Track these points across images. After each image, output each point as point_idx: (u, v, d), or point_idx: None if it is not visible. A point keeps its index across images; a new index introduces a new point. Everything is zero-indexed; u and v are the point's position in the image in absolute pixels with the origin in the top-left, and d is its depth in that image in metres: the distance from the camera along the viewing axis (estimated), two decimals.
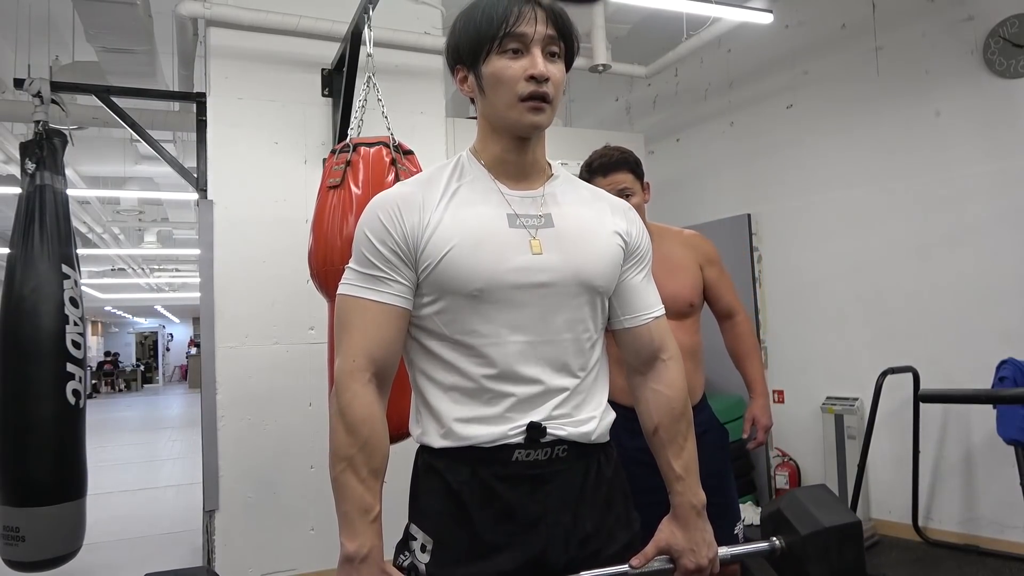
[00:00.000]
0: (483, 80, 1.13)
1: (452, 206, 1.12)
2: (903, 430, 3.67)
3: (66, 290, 2.83)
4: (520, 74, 1.09)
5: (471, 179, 1.17)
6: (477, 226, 1.11)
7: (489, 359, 1.10)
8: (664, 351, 1.26)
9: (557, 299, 1.13)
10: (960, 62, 3.56)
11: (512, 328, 1.11)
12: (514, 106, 1.10)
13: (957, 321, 3.57)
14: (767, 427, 2.12)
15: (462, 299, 1.09)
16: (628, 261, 1.23)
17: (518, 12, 1.10)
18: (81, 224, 7.75)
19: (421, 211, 1.11)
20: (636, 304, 1.24)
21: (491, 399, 1.10)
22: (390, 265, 1.10)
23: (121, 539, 4.33)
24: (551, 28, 1.11)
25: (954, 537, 3.57)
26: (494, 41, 1.10)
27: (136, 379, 21.15)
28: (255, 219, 3.30)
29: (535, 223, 1.14)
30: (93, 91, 3.25)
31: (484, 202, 1.14)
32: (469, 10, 1.16)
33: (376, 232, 1.11)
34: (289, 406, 3.28)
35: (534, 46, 1.10)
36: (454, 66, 1.20)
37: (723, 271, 2.18)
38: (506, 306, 1.10)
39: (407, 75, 3.62)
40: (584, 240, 1.17)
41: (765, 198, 4.53)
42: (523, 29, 1.09)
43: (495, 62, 1.11)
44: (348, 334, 1.11)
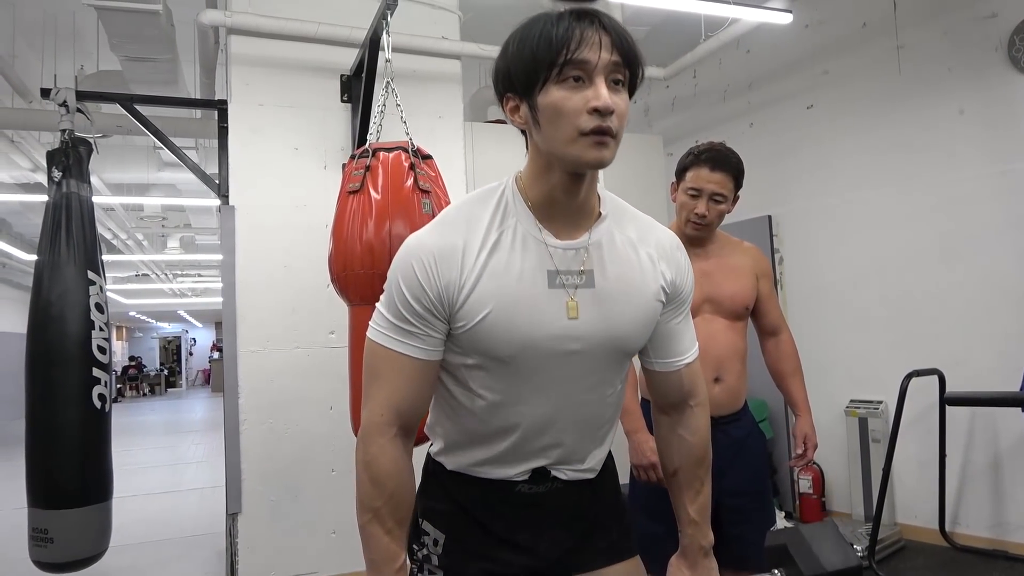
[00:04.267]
0: (539, 112, 1.01)
1: (492, 261, 1.05)
2: (929, 433, 3.62)
3: (92, 296, 2.86)
4: (582, 106, 0.98)
5: (514, 223, 1.07)
6: (516, 289, 1.05)
7: (509, 417, 1.13)
8: (694, 397, 1.24)
9: (587, 364, 1.12)
10: (984, 59, 3.51)
11: (537, 390, 1.11)
12: (575, 141, 0.99)
13: (983, 322, 3.51)
14: (816, 445, 2.11)
15: (492, 360, 1.08)
16: (667, 307, 1.17)
17: (580, 36, 0.98)
18: (106, 230, 7.88)
19: (461, 266, 1.04)
20: (670, 349, 1.21)
21: (506, 448, 1.15)
22: (423, 321, 1.05)
23: (146, 542, 4.38)
24: (616, 54, 0.99)
25: (982, 542, 3.50)
26: (553, 68, 0.98)
27: (160, 383, 21.39)
28: (276, 224, 3.32)
29: (575, 281, 1.07)
30: (117, 100, 3.30)
31: (525, 257, 1.06)
32: (523, 31, 1.03)
33: (411, 287, 1.04)
34: (310, 410, 3.30)
35: (597, 75, 0.98)
36: (504, 94, 1.07)
37: (773, 288, 2.19)
38: (535, 371, 1.09)
39: (425, 80, 3.63)
40: (623, 303, 1.11)
41: (786, 199, 4.50)
42: (586, 56, 0.97)
43: (553, 92, 0.99)
44: (377, 385, 1.08)
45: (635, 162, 4.34)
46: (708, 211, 1.94)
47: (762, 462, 2.10)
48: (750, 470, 1.98)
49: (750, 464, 1.99)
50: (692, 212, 1.95)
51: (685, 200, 1.97)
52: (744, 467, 1.95)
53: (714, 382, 1.94)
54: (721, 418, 1.90)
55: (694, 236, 1.99)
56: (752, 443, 2.03)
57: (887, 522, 3.70)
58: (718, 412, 1.89)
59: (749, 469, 1.97)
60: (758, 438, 2.10)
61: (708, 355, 1.91)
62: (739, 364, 2.00)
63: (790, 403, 2.18)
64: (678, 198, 2.00)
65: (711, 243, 2.04)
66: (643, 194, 4.31)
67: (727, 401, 1.97)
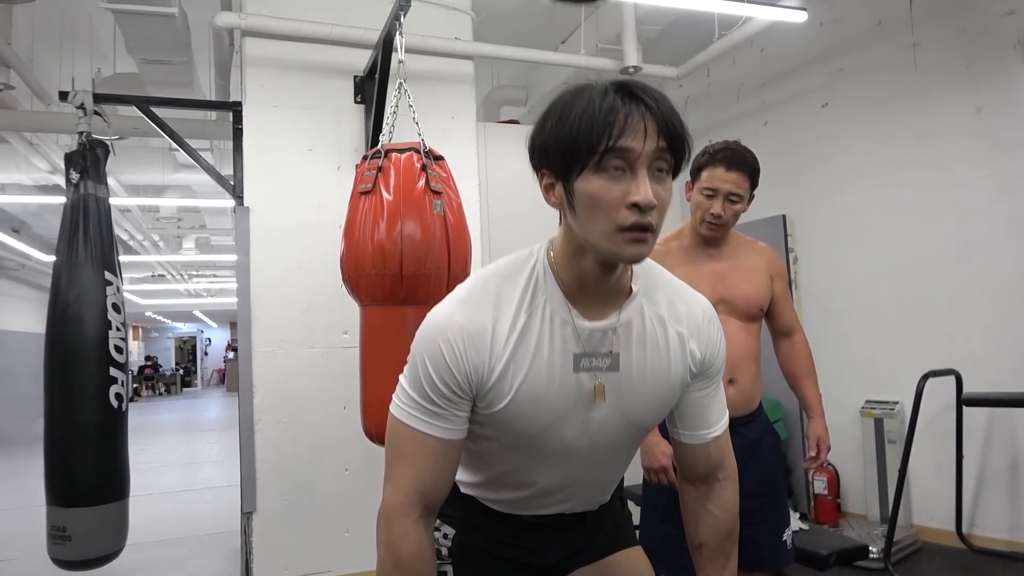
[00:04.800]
0: (575, 198, 0.94)
1: (520, 344, 1.02)
2: (946, 434, 3.58)
3: (109, 296, 2.89)
4: (621, 199, 0.91)
5: (543, 301, 1.03)
6: (543, 374, 1.03)
7: (522, 481, 1.16)
8: (722, 470, 1.20)
9: (605, 442, 1.12)
10: (1001, 56, 3.47)
11: (552, 464, 1.13)
12: (611, 236, 0.93)
13: (1001, 322, 3.47)
14: (829, 447, 2.11)
15: (514, 436, 1.09)
16: (696, 381, 1.14)
17: (624, 121, 0.90)
18: (122, 231, 7.95)
19: (490, 349, 1.01)
20: (699, 421, 1.17)
21: (516, 500, 1.20)
22: (449, 402, 1.02)
23: (162, 539, 4.42)
24: (662, 140, 0.92)
25: (1000, 544, 3.47)
26: (592, 156, 0.91)
27: (175, 383, 21.56)
28: (290, 225, 3.35)
29: (600, 364, 1.05)
30: (134, 102, 3.33)
31: (552, 339, 1.03)
32: (564, 107, 0.95)
33: (438, 368, 1.00)
34: (324, 409, 3.32)
35: (640, 165, 0.91)
36: (539, 169, 1.01)
37: (787, 289, 2.17)
38: (553, 452, 1.11)
39: (438, 80, 3.64)
40: (645, 388, 1.09)
41: (800, 199, 4.47)
42: (629, 144, 0.90)
43: (592, 181, 0.92)
44: (401, 465, 1.06)
45: None
46: (724, 211, 1.93)
47: (776, 464, 2.09)
48: (764, 472, 1.97)
49: (764, 466, 1.98)
50: (707, 212, 1.94)
51: (700, 200, 1.96)
52: (758, 469, 1.94)
53: (728, 384, 1.93)
54: (735, 420, 1.89)
55: (709, 236, 1.98)
56: (766, 444, 2.02)
57: (903, 524, 3.67)
58: (733, 414, 1.86)
59: (763, 471, 1.96)
60: (772, 439, 2.09)
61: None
62: (753, 366, 1.99)
63: (803, 405, 2.17)
64: (693, 198, 1.99)
65: (725, 243, 2.03)
66: None
67: (741, 403, 1.96)
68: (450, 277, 2.26)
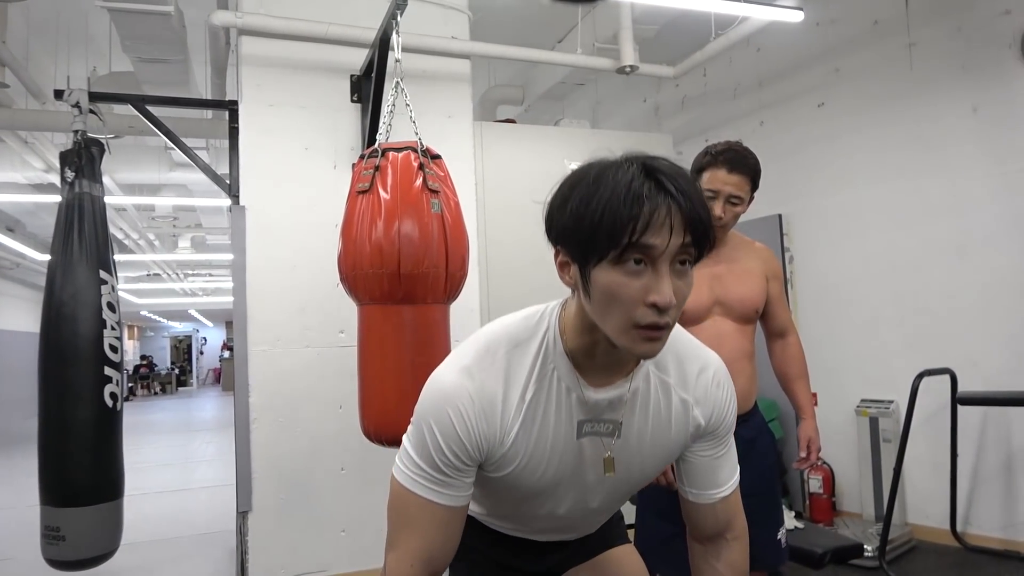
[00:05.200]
0: (591, 286, 0.90)
1: (529, 416, 1.01)
2: (940, 433, 3.60)
3: (104, 295, 2.88)
4: (640, 297, 0.87)
5: (551, 370, 1.01)
6: (548, 442, 1.03)
7: (524, 522, 1.21)
8: (731, 530, 1.18)
9: (603, 499, 1.15)
10: (997, 56, 3.48)
11: (553, 512, 1.14)
12: (627, 332, 0.89)
13: (996, 321, 3.49)
14: (819, 448, 2.11)
15: (514, 492, 1.10)
16: (701, 441, 1.12)
17: (649, 215, 0.84)
18: (118, 230, 7.93)
19: (500, 421, 0.99)
20: (704, 482, 1.15)
21: (518, 528, 1.24)
22: (457, 471, 1.00)
23: (157, 539, 4.41)
24: (688, 235, 0.86)
25: (994, 543, 3.48)
26: (613, 250, 0.86)
27: (171, 382, 21.50)
28: (286, 224, 3.34)
29: (603, 429, 1.04)
30: (129, 100, 3.32)
31: (559, 409, 1.02)
32: (584, 187, 0.88)
33: (447, 437, 0.98)
34: (320, 409, 3.32)
35: (662, 262, 0.86)
36: (554, 243, 0.96)
37: (783, 291, 2.18)
38: (552, 505, 1.13)
39: (434, 79, 3.64)
40: (645, 453, 1.09)
41: (796, 198, 4.48)
42: (652, 241, 0.85)
43: (610, 274, 0.87)
44: (406, 532, 1.03)
45: None
46: (724, 213, 1.92)
47: (771, 463, 2.10)
48: (759, 471, 1.97)
49: (759, 465, 1.98)
50: None
51: None
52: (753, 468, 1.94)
53: None
54: None
55: None
56: (761, 444, 2.02)
57: (898, 522, 3.68)
58: None
59: (758, 470, 1.97)
60: (768, 439, 2.09)
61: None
62: (749, 366, 2.00)
63: (795, 406, 2.17)
64: None
65: (724, 244, 2.03)
66: None
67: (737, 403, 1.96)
68: (448, 276, 2.26)
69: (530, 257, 3.85)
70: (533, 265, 3.82)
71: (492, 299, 3.81)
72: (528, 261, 3.82)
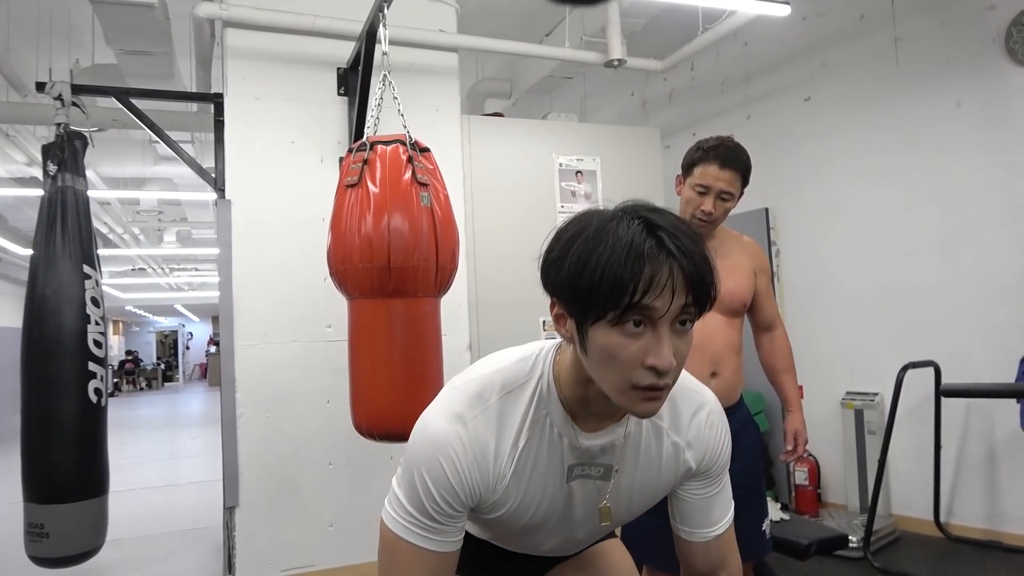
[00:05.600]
0: (588, 343, 0.87)
1: (521, 462, 1.00)
2: (924, 425, 3.63)
3: (87, 290, 2.85)
4: (638, 358, 0.84)
5: (544, 416, 1.00)
6: (540, 486, 1.02)
7: (506, 546, 1.20)
8: (725, 568, 1.16)
9: (591, 534, 1.16)
10: (982, 51, 3.51)
11: (540, 547, 1.16)
12: (625, 392, 0.87)
13: (979, 315, 3.52)
14: (806, 441, 2.13)
15: (503, 529, 1.11)
16: (693, 480, 1.12)
17: (651, 276, 0.81)
18: (102, 225, 7.84)
19: (492, 469, 0.98)
20: (697, 520, 1.13)
21: (509, 548, 1.23)
22: (449, 518, 0.98)
23: (143, 535, 4.38)
24: (689, 295, 0.83)
25: (977, 533, 3.52)
26: (612, 312, 0.83)
27: (156, 377, 21.37)
28: (273, 218, 3.32)
29: (593, 472, 1.04)
30: (112, 93, 3.29)
31: (551, 455, 1.01)
32: (583, 243, 0.85)
33: (439, 486, 0.96)
34: (307, 404, 3.31)
35: (662, 324, 0.84)
36: (551, 296, 0.92)
37: (770, 285, 2.19)
38: (541, 540, 1.14)
39: (422, 73, 3.62)
40: (633, 494, 1.09)
41: (783, 192, 4.50)
42: (653, 303, 0.82)
43: (608, 335, 0.85)
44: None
45: (632, 155, 4.34)
46: (715, 208, 1.93)
47: (756, 455, 2.11)
48: (744, 463, 1.98)
49: (744, 457, 1.99)
50: (698, 209, 1.94)
51: (692, 196, 1.95)
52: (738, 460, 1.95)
53: (711, 376, 1.95)
54: None
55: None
56: (746, 436, 2.04)
57: (882, 513, 3.72)
58: None
59: (743, 462, 1.97)
60: (753, 431, 2.10)
61: (706, 351, 1.92)
62: (736, 359, 2.01)
63: (782, 399, 2.19)
64: (684, 193, 1.99)
65: (712, 238, 2.04)
66: (640, 187, 4.31)
67: (723, 396, 1.97)
68: (438, 269, 2.25)
69: (518, 250, 3.85)
70: (521, 258, 3.82)
71: (480, 292, 3.81)
72: (516, 254, 3.82)
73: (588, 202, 4.14)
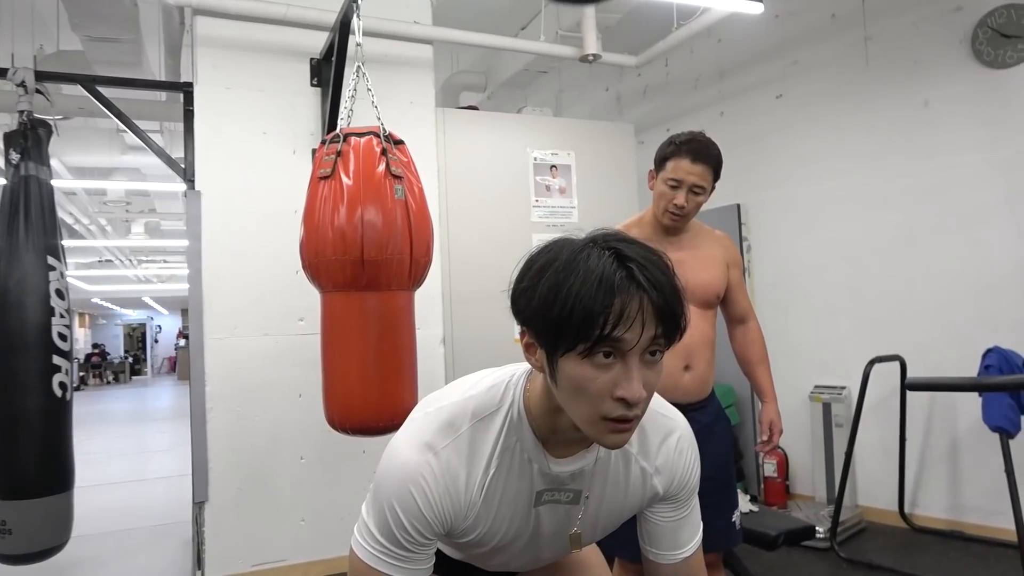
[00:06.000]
0: (558, 374, 0.88)
1: (490, 493, 1.00)
2: (890, 418, 3.70)
3: (52, 282, 2.80)
4: (608, 390, 0.84)
5: (514, 442, 1.00)
6: (509, 512, 1.03)
7: (474, 562, 1.20)
8: None
9: (558, 554, 1.18)
10: (949, 52, 3.57)
11: (507, 566, 1.18)
12: (594, 423, 0.87)
13: (944, 310, 3.60)
14: (781, 431, 2.15)
15: (470, 550, 1.11)
16: (661, 503, 1.12)
17: (621, 309, 0.81)
18: (67, 215, 7.68)
19: (463, 498, 0.98)
20: (665, 543, 1.14)
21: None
22: (420, 546, 0.98)
23: (110, 531, 4.31)
24: (660, 327, 0.84)
25: (940, 523, 3.61)
26: (582, 344, 0.83)
27: (124, 371, 21.01)
28: (244, 210, 3.28)
29: (561, 498, 1.04)
30: (78, 80, 3.21)
31: (520, 481, 1.02)
32: (551, 274, 0.85)
33: (410, 516, 0.95)
34: (279, 397, 3.28)
35: (632, 356, 0.84)
36: (521, 324, 0.92)
37: (742, 278, 2.22)
38: (507, 560, 1.15)
39: (396, 64, 3.59)
40: (600, 518, 1.10)
41: (755, 188, 4.54)
42: (623, 336, 0.82)
43: (578, 367, 0.85)
44: None
45: (606, 150, 4.35)
46: (687, 202, 1.95)
47: (727, 448, 2.13)
48: (715, 456, 2.00)
49: (715, 450, 2.02)
50: (671, 203, 1.95)
51: (664, 190, 1.97)
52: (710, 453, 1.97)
53: (684, 370, 1.96)
54: (689, 405, 1.92)
55: (670, 226, 2.01)
56: (718, 429, 2.06)
57: (849, 504, 3.79)
58: (687, 399, 1.91)
59: (714, 455, 2.00)
60: (724, 424, 2.13)
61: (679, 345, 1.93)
62: (708, 352, 2.03)
63: (756, 390, 2.21)
64: (656, 187, 2.00)
65: (685, 232, 2.06)
66: (614, 182, 4.33)
67: (696, 389, 2.00)
68: (412, 262, 2.24)
69: (492, 244, 3.85)
70: (495, 252, 3.82)
71: (455, 286, 3.80)
72: (491, 248, 3.82)
73: (563, 196, 4.15)
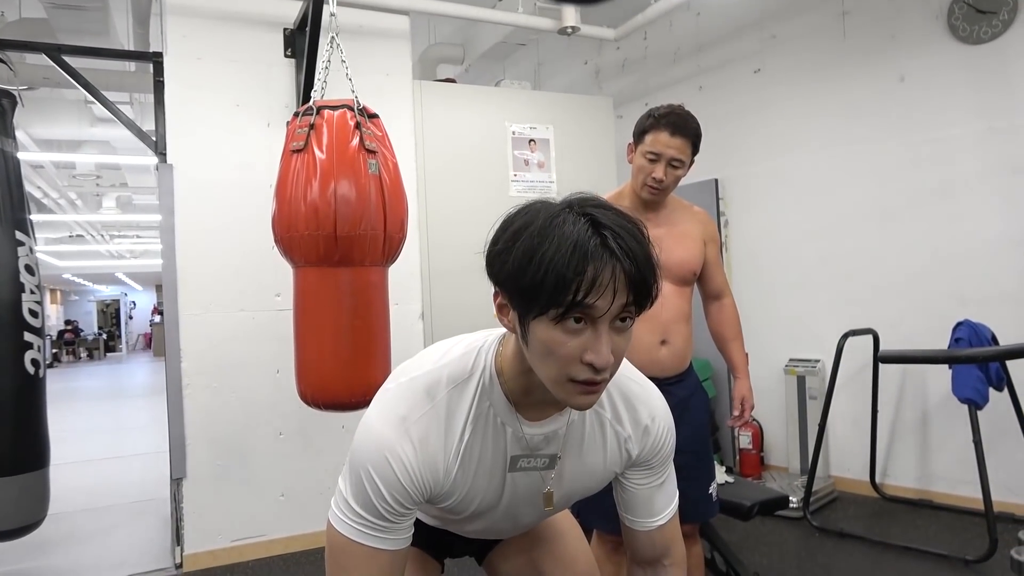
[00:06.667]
0: (529, 336, 0.89)
1: (465, 458, 1.01)
2: (863, 391, 3.77)
3: (21, 257, 2.75)
4: (577, 354, 0.86)
5: (487, 408, 1.01)
6: (485, 476, 1.04)
7: (449, 528, 1.24)
8: (668, 556, 1.21)
9: (534, 519, 1.20)
10: (925, 27, 3.58)
11: (485, 532, 1.21)
12: (563, 385, 0.89)
13: (916, 285, 3.65)
14: (753, 407, 2.18)
15: (445, 514, 1.12)
16: (636, 469, 1.14)
17: (593, 276, 0.82)
18: (35, 189, 7.52)
19: (442, 467, 0.99)
20: (641, 510, 1.17)
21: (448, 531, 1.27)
22: (400, 516, 0.98)
23: (86, 509, 4.29)
24: (630, 294, 0.85)
25: (909, 493, 3.70)
26: (553, 309, 0.84)
27: (98, 348, 20.77)
28: (217, 183, 3.22)
29: (538, 463, 1.06)
30: (43, 49, 3.12)
31: (496, 445, 1.03)
32: (526, 239, 0.85)
33: (389, 486, 0.95)
34: (256, 373, 3.26)
35: (602, 322, 0.85)
36: (495, 285, 0.92)
37: (719, 254, 2.22)
38: (483, 524, 1.16)
39: (372, 35, 3.53)
40: (576, 482, 1.12)
41: (733, 163, 4.55)
42: (595, 303, 0.83)
43: (549, 330, 0.86)
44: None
45: (585, 124, 4.33)
46: (666, 176, 1.94)
47: (704, 421, 2.16)
48: (692, 429, 2.03)
49: (693, 423, 2.04)
50: (649, 176, 1.95)
51: (643, 164, 1.96)
52: (687, 426, 2.00)
53: (661, 344, 1.98)
54: (667, 379, 1.94)
55: (648, 200, 2.00)
56: (696, 403, 2.08)
57: (821, 475, 3.87)
58: (664, 374, 1.93)
59: (691, 428, 2.02)
60: (701, 397, 2.15)
61: (657, 319, 1.95)
62: (685, 327, 2.04)
63: (730, 366, 2.24)
64: (635, 160, 1.99)
65: (663, 207, 2.06)
66: (593, 156, 4.32)
67: (673, 364, 2.01)
68: (386, 238, 2.22)
69: (470, 218, 3.83)
70: (472, 227, 3.80)
71: (433, 261, 3.78)
72: (468, 222, 3.80)
73: (541, 171, 4.13)
